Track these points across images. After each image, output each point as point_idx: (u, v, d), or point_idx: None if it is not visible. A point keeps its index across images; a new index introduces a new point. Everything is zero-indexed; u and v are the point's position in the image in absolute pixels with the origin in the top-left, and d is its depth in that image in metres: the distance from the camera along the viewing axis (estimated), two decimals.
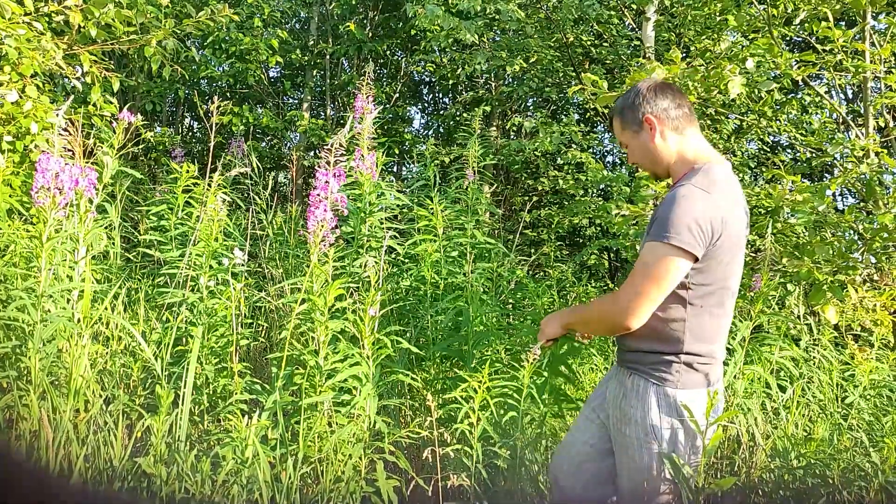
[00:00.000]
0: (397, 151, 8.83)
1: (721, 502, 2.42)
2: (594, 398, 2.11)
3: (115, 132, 3.46)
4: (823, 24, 3.81)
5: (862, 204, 4.48)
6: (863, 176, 3.82)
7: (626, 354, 1.96)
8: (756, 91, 4.90)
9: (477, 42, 6.56)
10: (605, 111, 6.59)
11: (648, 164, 2.01)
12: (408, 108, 9.77)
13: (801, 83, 5.01)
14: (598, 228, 8.15)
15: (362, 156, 3.40)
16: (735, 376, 2.97)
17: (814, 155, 5.95)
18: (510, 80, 8.66)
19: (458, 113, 8.77)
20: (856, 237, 3.96)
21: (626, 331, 1.84)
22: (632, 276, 1.83)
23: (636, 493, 1.89)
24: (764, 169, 7.04)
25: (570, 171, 7.46)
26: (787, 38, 6.31)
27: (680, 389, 1.85)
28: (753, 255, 3.76)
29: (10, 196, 3.43)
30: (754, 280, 3.37)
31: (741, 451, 2.90)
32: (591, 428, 2.07)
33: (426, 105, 11.17)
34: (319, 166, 2.51)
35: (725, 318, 1.92)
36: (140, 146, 4.87)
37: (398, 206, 3.75)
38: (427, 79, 10.25)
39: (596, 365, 3.91)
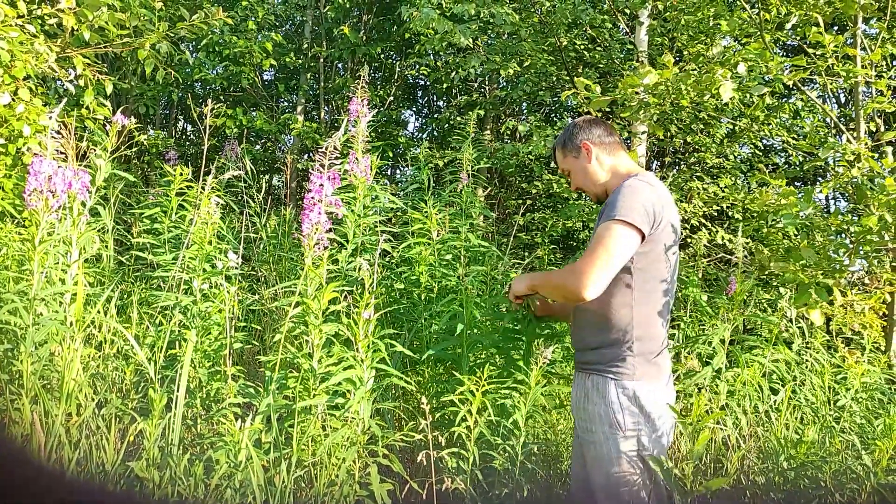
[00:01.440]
0: (391, 155, 8.84)
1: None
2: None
3: (108, 135, 3.45)
4: (814, 28, 3.83)
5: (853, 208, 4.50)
6: (854, 180, 3.84)
7: (584, 355, 2.11)
8: (748, 95, 4.93)
9: (471, 46, 6.57)
10: (599, 115, 6.62)
11: (590, 186, 2.25)
12: (402, 112, 9.78)
13: (793, 87, 5.04)
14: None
15: (357, 159, 3.40)
16: (718, 378, 2.98)
17: (806, 159, 5.98)
18: (504, 83, 8.67)
19: (452, 116, 8.78)
20: (847, 241, 3.98)
21: (581, 300, 1.96)
22: (587, 250, 2.01)
23: (607, 487, 1.95)
24: (755, 173, 7.07)
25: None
26: (780, 43, 6.34)
27: (636, 381, 1.98)
28: (730, 257, 3.78)
29: (2, 199, 3.42)
30: (730, 282, 3.39)
31: (728, 454, 2.91)
32: (579, 449, 2.17)
33: (421, 108, 11.18)
34: (313, 169, 2.51)
35: (667, 312, 2.09)
36: (133, 149, 4.85)
37: (392, 209, 3.75)
38: (422, 82, 10.27)
39: None
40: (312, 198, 2.47)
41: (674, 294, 2.13)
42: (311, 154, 8.08)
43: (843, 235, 3.93)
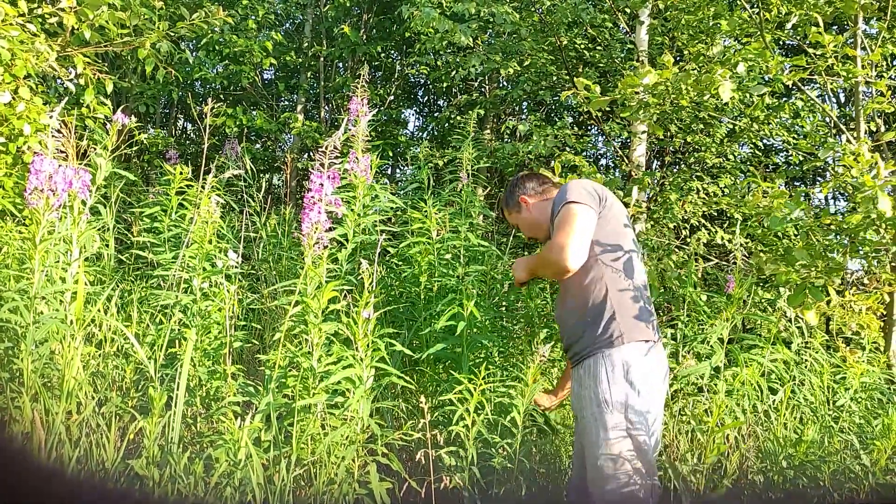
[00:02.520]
0: (391, 154, 8.84)
1: (711, 503, 2.44)
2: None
3: (108, 134, 3.45)
4: (814, 28, 3.83)
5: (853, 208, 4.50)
6: (854, 180, 3.84)
7: (575, 348, 2.21)
8: (748, 95, 4.93)
9: (471, 45, 6.57)
10: (599, 114, 6.62)
11: (536, 231, 2.50)
12: (402, 111, 9.78)
13: (793, 87, 5.04)
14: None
15: (356, 158, 3.41)
16: (717, 377, 2.99)
17: (806, 159, 5.98)
18: (504, 83, 8.67)
19: (452, 115, 8.78)
20: (845, 240, 3.98)
21: (567, 270, 2.13)
22: (555, 231, 2.19)
23: (597, 470, 1.96)
24: (754, 173, 7.07)
25: (563, 174, 7.47)
26: (780, 42, 6.34)
27: (623, 347, 2.07)
28: (727, 256, 3.79)
29: (2, 197, 3.42)
30: (728, 282, 3.40)
31: (727, 454, 2.92)
32: (578, 443, 2.24)
33: (422, 107, 11.18)
34: (313, 169, 2.51)
35: (641, 279, 2.24)
36: (134, 148, 4.86)
37: (392, 208, 3.75)
38: (423, 81, 10.27)
39: None
40: (312, 197, 2.47)
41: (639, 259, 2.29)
42: (311, 153, 8.08)
43: (838, 235, 3.93)
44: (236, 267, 3.07)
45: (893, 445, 2.61)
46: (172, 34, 4.52)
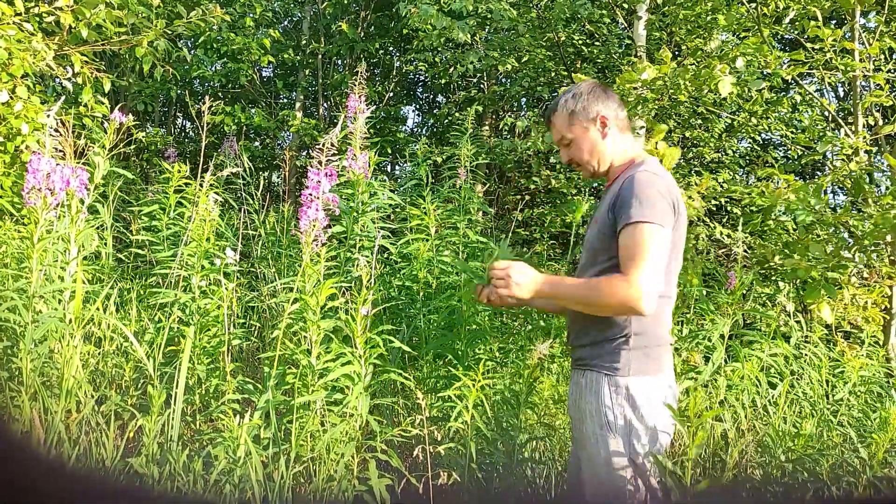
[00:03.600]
0: (390, 151, 8.83)
1: (709, 498, 2.44)
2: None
3: (106, 132, 3.45)
4: (812, 23, 3.83)
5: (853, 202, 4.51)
6: (852, 174, 3.85)
7: (578, 351, 1.99)
8: (747, 90, 4.93)
9: (469, 41, 6.57)
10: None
11: (593, 161, 2.03)
12: (401, 108, 9.77)
13: (791, 81, 5.04)
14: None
15: (355, 155, 3.41)
16: (718, 372, 2.99)
17: (804, 153, 5.98)
18: (503, 79, 8.66)
19: (450, 112, 8.78)
20: (845, 235, 3.99)
21: (638, 314, 1.80)
22: (632, 260, 1.79)
23: (597, 487, 1.88)
24: (755, 167, 7.07)
25: (562, 170, 7.48)
26: (778, 37, 6.34)
27: (631, 377, 1.86)
28: (727, 252, 3.79)
29: (0, 197, 3.42)
30: (729, 277, 3.40)
31: (727, 448, 2.92)
32: (575, 446, 2.08)
33: (421, 104, 11.17)
34: (311, 166, 2.51)
35: (671, 303, 1.96)
36: (132, 146, 4.85)
37: (391, 205, 3.76)
38: (421, 77, 10.26)
39: None
40: (310, 194, 2.47)
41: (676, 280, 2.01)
42: (309, 151, 8.08)
43: (843, 230, 3.94)
44: (235, 265, 3.07)
45: (891, 439, 2.62)
46: (170, 32, 4.51)
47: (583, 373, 1.96)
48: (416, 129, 10.68)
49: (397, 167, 10.12)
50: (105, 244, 3.52)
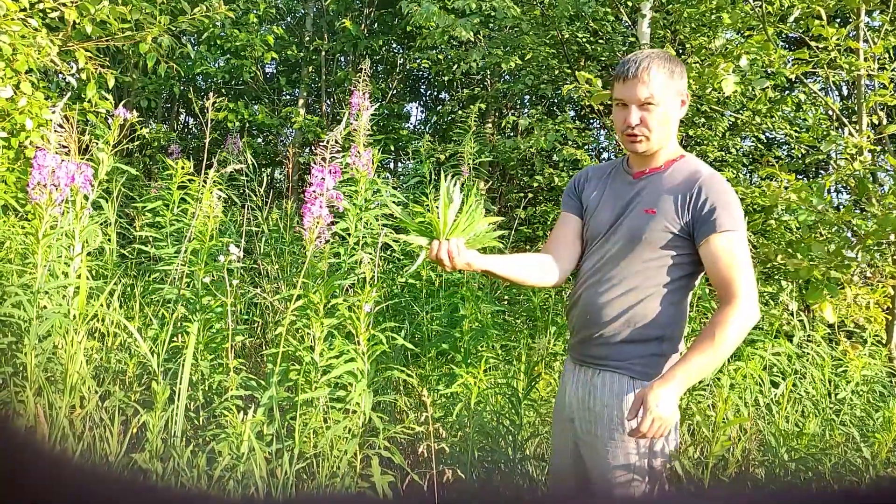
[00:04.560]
0: (393, 148, 8.83)
1: (712, 496, 2.44)
2: (556, 413, 1.98)
3: (110, 129, 3.46)
4: (817, 21, 3.82)
5: (856, 201, 4.50)
6: (856, 173, 3.84)
7: (597, 350, 1.82)
8: (751, 89, 4.92)
9: (472, 39, 6.56)
10: (601, 108, 6.61)
11: (659, 134, 1.79)
12: (404, 105, 9.77)
13: (795, 80, 5.03)
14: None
15: (358, 152, 3.41)
16: (722, 371, 2.99)
17: (808, 152, 5.97)
18: (507, 77, 8.66)
19: (453, 110, 8.78)
20: (849, 234, 3.98)
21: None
22: (738, 275, 1.68)
23: (611, 488, 1.81)
24: (758, 166, 7.06)
25: (565, 168, 7.47)
26: (783, 35, 6.33)
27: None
28: None
29: (5, 192, 3.43)
30: None
31: (731, 448, 2.92)
32: (569, 444, 1.92)
33: (426, 102, 11.17)
34: (315, 163, 2.52)
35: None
36: (135, 143, 4.86)
37: (394, 202, 3.76)
38: (425, 75, 10.26)
39: None
40: (314, 191, 2.47)
41: None
42: (312, 147, 8.08)
43: (846, 229, 3.93)
44: (238, 261, 3.08)
45: (894, 438, 2.62)
46: (174, 28, 4.52)
47: (598, 372, 1.81)
48: (419, 127, 10.68)
49: (400, 164, 10.12)
50: (109, 240, 3.53)
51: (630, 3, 6.63)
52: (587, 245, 1.91)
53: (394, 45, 9.61)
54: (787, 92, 6.89)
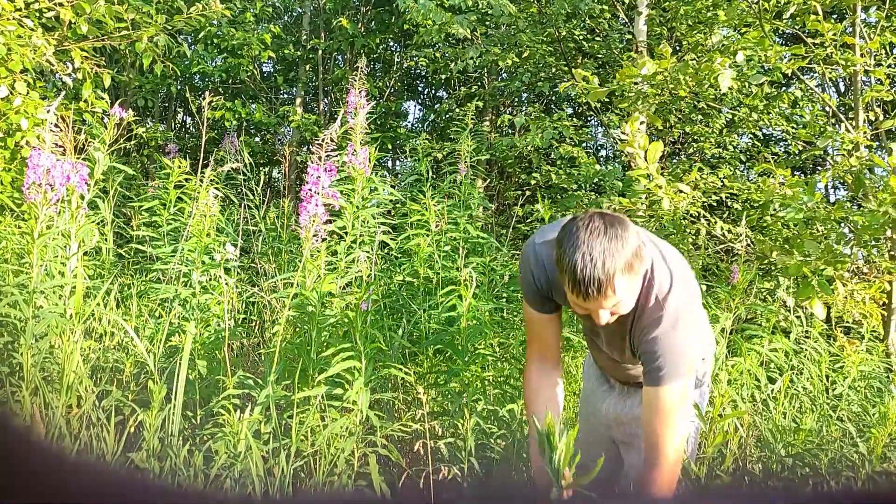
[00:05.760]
0: (390, 146, 8.83)
1: (710, 491, 2.44)
2: (586, 415, 2.16)
3: (106, 128, 3.45)
4: (813, 17, 3.82)
5: (853, 197, 4.50)
6: (852, 169, 3.84)
7: (634, 380, 1.97)
8: (747, 85, 4.92)
9: (469, 37, 6.56)
10: (598, 105, 6.61)
11: (630, 307, 1.70)
12: (402, 103, 9.77)
13: (791, 76, 5.03)
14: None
15: (355, 151, 3.40)
16: (720, 367, 2.99)
17: (805, 148, 5.97)
18: (504, 75, 8.66)
19: (451, 108, 8.78)
20: (846, 230, 3.98)
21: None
22: (667, 431, 1.72)
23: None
24: (755, 163, 7.07)
25: (563, 165, 7.48)
26: (779, 32, 6.33)
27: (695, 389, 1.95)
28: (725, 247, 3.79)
29: (0, 192, 3.42)
30: (732, 272, 3.40)
31: (727, 443, 2.93)
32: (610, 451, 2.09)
33: (423, 100, 11.16)
34: (311, 161, 2.51)
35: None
36: (132, 142, 4.85)
37: (391, 200, 3.76)
38: (423, 73, 10.25)
39: None
40: (310, 190, 2.47)
41: None
42: (310, 146, 8.08)
43: (843, 225, 3.93)
44: (235, 260, 3.07)
45: (890, 433, 2.62)
46: (170, 27, 4.51)
47: (638, 388, 1.93)
48: (416, 125, 10.67)
49: (398, 163, 10.12)
50: (105, 240, 3.53)
51: (626, 1, 6.63)
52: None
53: (391, 44, 9.60)
54: (783, 88, 6.89)
